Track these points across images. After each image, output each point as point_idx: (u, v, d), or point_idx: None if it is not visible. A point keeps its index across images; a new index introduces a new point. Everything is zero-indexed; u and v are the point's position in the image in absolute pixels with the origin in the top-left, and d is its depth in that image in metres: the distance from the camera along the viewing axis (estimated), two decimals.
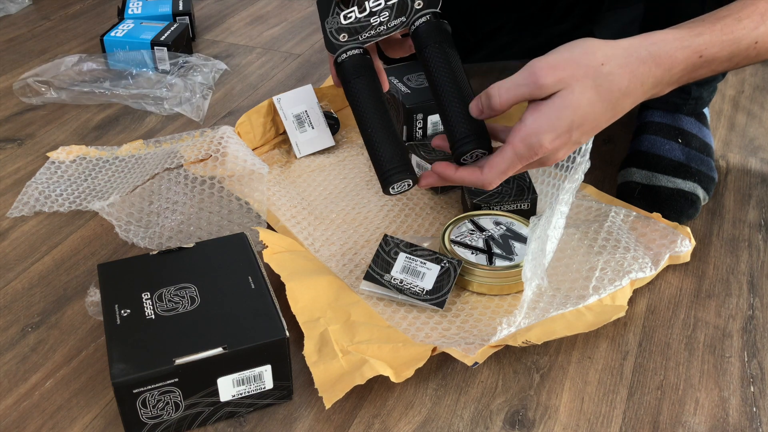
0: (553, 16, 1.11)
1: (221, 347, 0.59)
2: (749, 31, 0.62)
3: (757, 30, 0.62)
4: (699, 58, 0.62)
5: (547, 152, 0.62)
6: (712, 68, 0.63)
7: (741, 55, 0.63)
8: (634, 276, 0.75)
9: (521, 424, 0.64)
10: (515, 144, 0.62)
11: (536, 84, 0.60)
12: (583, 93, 0.60)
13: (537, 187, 0.86)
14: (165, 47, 1.19)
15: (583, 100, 0.60)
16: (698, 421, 0.64)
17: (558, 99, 0.60)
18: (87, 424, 0.64)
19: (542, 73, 0.60)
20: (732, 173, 0.96)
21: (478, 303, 0.74)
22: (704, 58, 0.62)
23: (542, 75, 0.60)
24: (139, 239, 0.84)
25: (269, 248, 0.74)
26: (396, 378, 0.64)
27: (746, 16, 0.62)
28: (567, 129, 0.61)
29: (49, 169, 0.97)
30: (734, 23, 0.62)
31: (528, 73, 0.61)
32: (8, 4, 1.49)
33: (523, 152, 0.62)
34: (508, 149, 0.63)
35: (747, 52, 0.63)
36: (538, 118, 0.61)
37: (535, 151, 0.61)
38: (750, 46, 0.62)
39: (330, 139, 0.99)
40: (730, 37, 0.62)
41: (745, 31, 0.62)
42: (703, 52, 0.61)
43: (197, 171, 0.92)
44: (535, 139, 0.61)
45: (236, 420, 0.64)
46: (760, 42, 0.62)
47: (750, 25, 0.62)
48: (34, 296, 0.77)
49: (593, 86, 0.60)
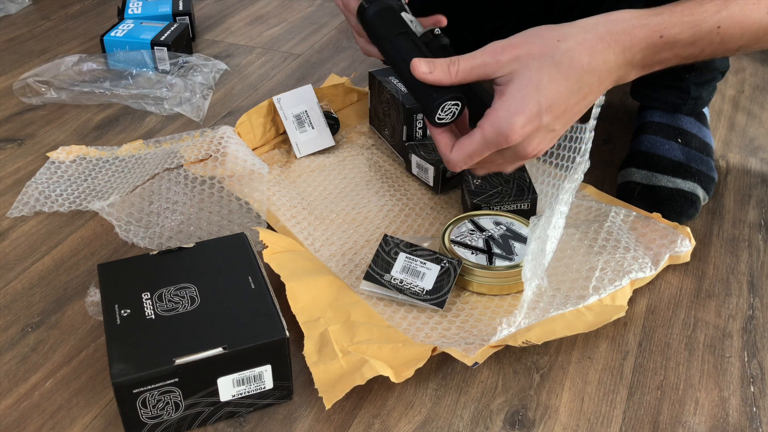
0: (553, 17, 1.11)
1: (221, 347, 0.59)
2: (711, 15, 0.61)
3: (719, 14, 0.61)
4: (660, 39, 0.61)
5: (518, 138, 0.61)
6: (675, 52, 0.62)
7: (704, 39, 0.61)
8: (634, 276, 0.75)
9: (521, 424, 0.64)
10: (485, 128, 0.61)
11: (494, 59, 0.61)
12: (541, 69, 0.60)
13: (537, 187, 0.86)
14: (165, 47, 1.19)
15: (544, 77, 0.60)
16: (698, 421, 0.64)
17: (518, 79, 0.60)
18: (87, 424, 0.64)
19: (499, 49, 0.61)
20: (732, 173, 0.96)
21: (478, 303, 0.74)
22: (665, 39, 0.61)
23: (499, 51, 0.61)
24: (139, 239, 0.84)
25: (269, 248, 0.74)
26: (396, 378, 0.64)
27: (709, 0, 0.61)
28: (536, 111, 0.60)
29: (49, 169, 0.97)
30: (696, 6, 0.61)
31: (488, 49, 0.62)
32: (8, 4, 1.49)
33: (491, 137, 0.61)
34: (477, 133, 0.62)
35: (710, 37, 0.61)
36: (505, 100, 0.61)
37: (505, 135, 0.60)
38: (712, 30, 0.61)
39: (330, 139, 0.99)
40: (691, 18, 0.61)
41: (706, 14, 0.61)
42: (663, 32, 0.60)
43: (197, 171, 0.92)
44: (506, 122, 0.60)
45: (236, 420, 0.64)
46: (722, 27, 0.61)
47: (712, 8, 0.61)
48: (34, 296, 0.77)
49: (552, 63, 0.60)
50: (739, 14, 0.61)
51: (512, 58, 0.61)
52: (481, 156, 0.63)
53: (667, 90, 0.95)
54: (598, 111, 0.68)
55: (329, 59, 1.29)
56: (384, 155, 0.99)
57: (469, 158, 0.64)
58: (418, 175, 0.92)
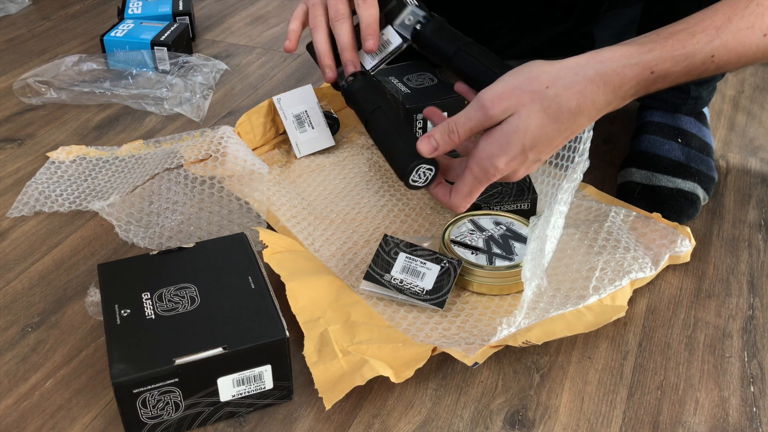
0: (553, 17, 1.11)
1: (221, 347, 0.59)
2: (703, 46, 0.60)
3: (712, 44, 0.60)
4: (651, 74, 0.61)
5: (504, 173, 0.66)
6: (669, 82, 0.62)
7: (698, 69, 0.61)
8: (634, 276, 0.75)
9: (521, 424, 0.64)
10: (472, 168, 0.67)
11: (486, 115, 0.64)
12: (530, 117, 0.62)
13: (537, 187, 0.86)
14: (165, 47, 1.19)
15: (531, 124, 0.62)
16: (698, 421, 0.64)
17: (506, 125, 0.64)
18: (87, 424, 0.64)
19: (490, 104, 0.63)
20: (732, 173, 0.96)
21: (478, 303, 0.74)
22: (657, 74, 0.61)
23: (490, 106, 0.63)
24: (139, 239, 0.84)
25: (269, 248, 0.74)
26: (396, 378, 0.64)
27: (700, 31, 0.61)
28: (520, 151, 0.64)
29: (49, 169, 0.97)
30: (687, 38, 0.61)
31: (478, 106, 0.64)
32: (8, 4, 1.49)
33: (480, 175, 0.67)
34: (467, 174, 0.68)
35: (705, 66, 0.61)
36: (490, 143, 0.65)
37: (491, 173, 0.66)
38: (706, 60, 0.61)
39: (330, 139, 0.99)
40: (683, 52, 0.60)
41: (698, 46, 0.60)
42: (653, 68, 0.61)
43: (197, 171, 0.92)
44: (489, 162, 0.65)
45: (236, 420, 0.64)
46: (717, 56, 0.60)
47: (704, 39, 0.60)
48: (34, 296, 0.77)
49: (541, 109, 0.62)
50: (733, 41, 0.60)
51: (503, 109, 0.63)
52: (478, 191, 0.70)
53: (667, 90, 0.94)
54: None
55: None
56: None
57: (468, 196, 0.70)
58: None
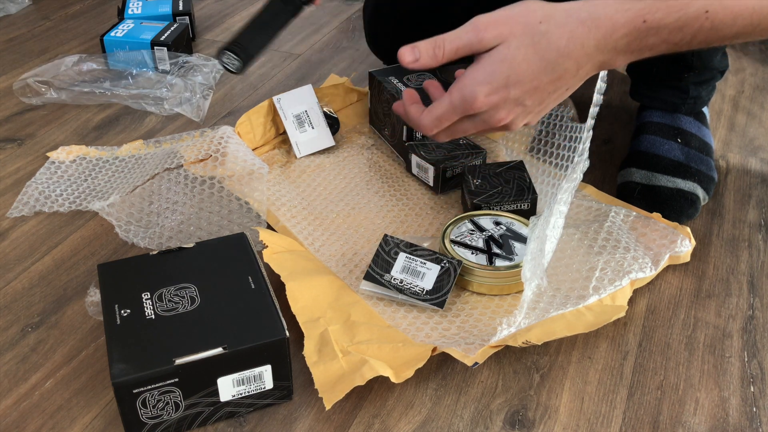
0: None
1: (221, 347, 0.59)
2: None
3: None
4: (643, 23, 0.59)
5: (483, 106, 0.63)
6: (663, 37, 0.60)
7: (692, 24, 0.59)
8: (634, 276, 0.75)
9: (521, 424, 0.64)
10: (452, 93, 0.64)
11: (477, 37, 0.63)
12: (518, 48, 0.61)
13: (537, 187, 0.86)
14: (165, 47, 1.19)
15: (519, 56, 0.61)
16: (698, 421, 0.64)
17: (495, 53, 0.62)
18: (87, 424, 0.64)
19: (483, 27, 0.62)
20: (732, 173, 0.96)
21: (478, 303, 0.74)
22: (648, 24, 0.59)
23: (483, 29, 0.62)
24: (139, 239, 0.84)
25: (269, 248, 0.74)
26: (396, 378, 0.64)
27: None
28: (503, 84, 0.62)
29: (49, 169, 0.97)
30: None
31: (471, 27, 0.63)
32: (8, 4, 1.49)
33: (457, 102, 0.64)
34: (446, 98, 0.65)
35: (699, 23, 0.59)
36: (476, 70, 0.63)
37: (470, 102, 0.63)
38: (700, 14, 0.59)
39: (330, 139, 0.99)
40: (675, 2, 0.59)
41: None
42: (646, 16, 0.59)
43: (197, 171, 0.92)
44: (470, 90, 0.63)
45: (236, 420, 0.64)
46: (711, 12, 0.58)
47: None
48: (34, 296, 0.77)
49: (530, 43, 0.61)
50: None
51: (495, 35, 0.62)
52: (450, 120, 0.66)
53: (667, 90, 0.95)
54: (596, 110, 0.68)
55: (329, 59, 1.29)
56: (384, 155, 0.99)
57: (438, 121, 0.66)
58: (417, 175, 0.92)
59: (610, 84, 1.18)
